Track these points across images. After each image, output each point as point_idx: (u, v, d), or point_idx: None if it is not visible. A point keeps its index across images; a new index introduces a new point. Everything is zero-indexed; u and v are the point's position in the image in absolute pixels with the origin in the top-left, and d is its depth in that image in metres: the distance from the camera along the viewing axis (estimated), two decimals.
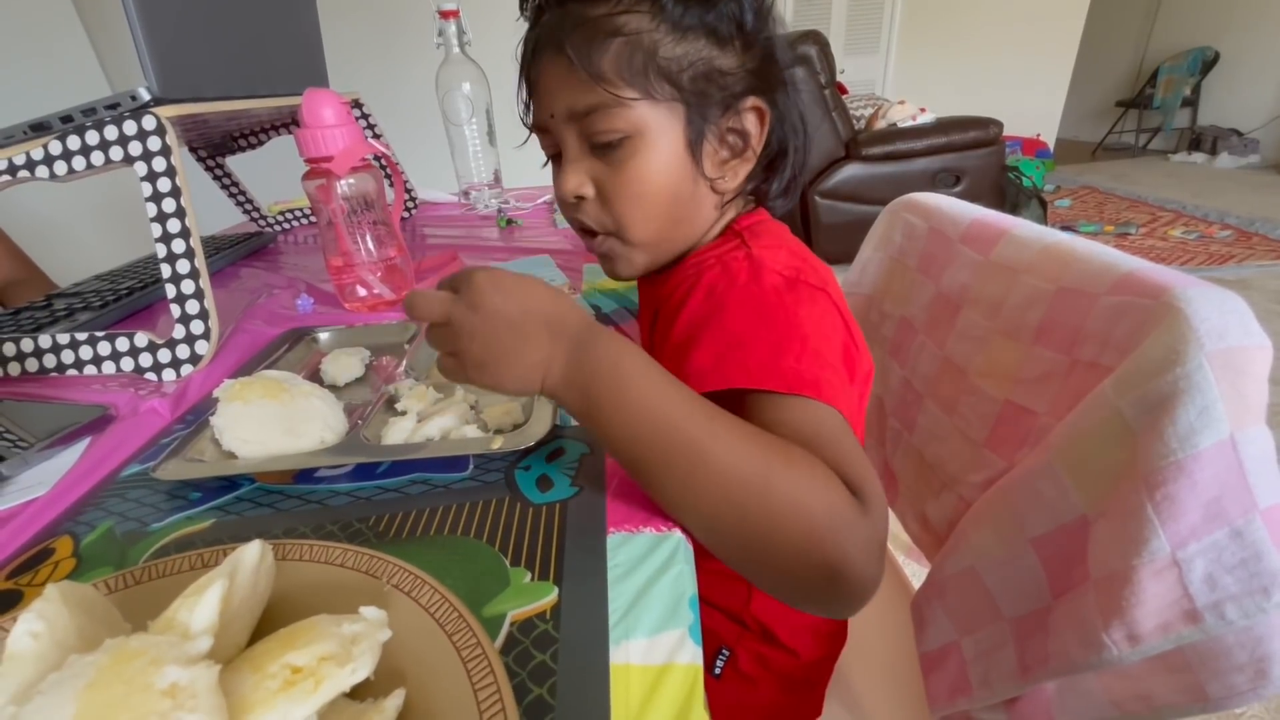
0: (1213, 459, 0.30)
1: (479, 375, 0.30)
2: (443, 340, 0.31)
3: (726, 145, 0.40)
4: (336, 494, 0.34)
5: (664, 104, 0.37)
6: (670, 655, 0.22)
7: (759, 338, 0.33)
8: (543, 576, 0.26)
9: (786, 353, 0.32)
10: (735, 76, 0.38)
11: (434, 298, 0.30)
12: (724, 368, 0.32)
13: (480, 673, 0.19)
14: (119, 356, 0.53)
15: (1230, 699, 0.32)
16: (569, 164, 0.40)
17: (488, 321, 0.29)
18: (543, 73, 0.39)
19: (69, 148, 0.50)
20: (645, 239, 0.41)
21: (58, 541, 0.32)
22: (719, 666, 0.46)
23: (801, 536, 0.26)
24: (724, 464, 0.26)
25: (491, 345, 0.29)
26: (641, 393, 0.28)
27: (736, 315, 0.35)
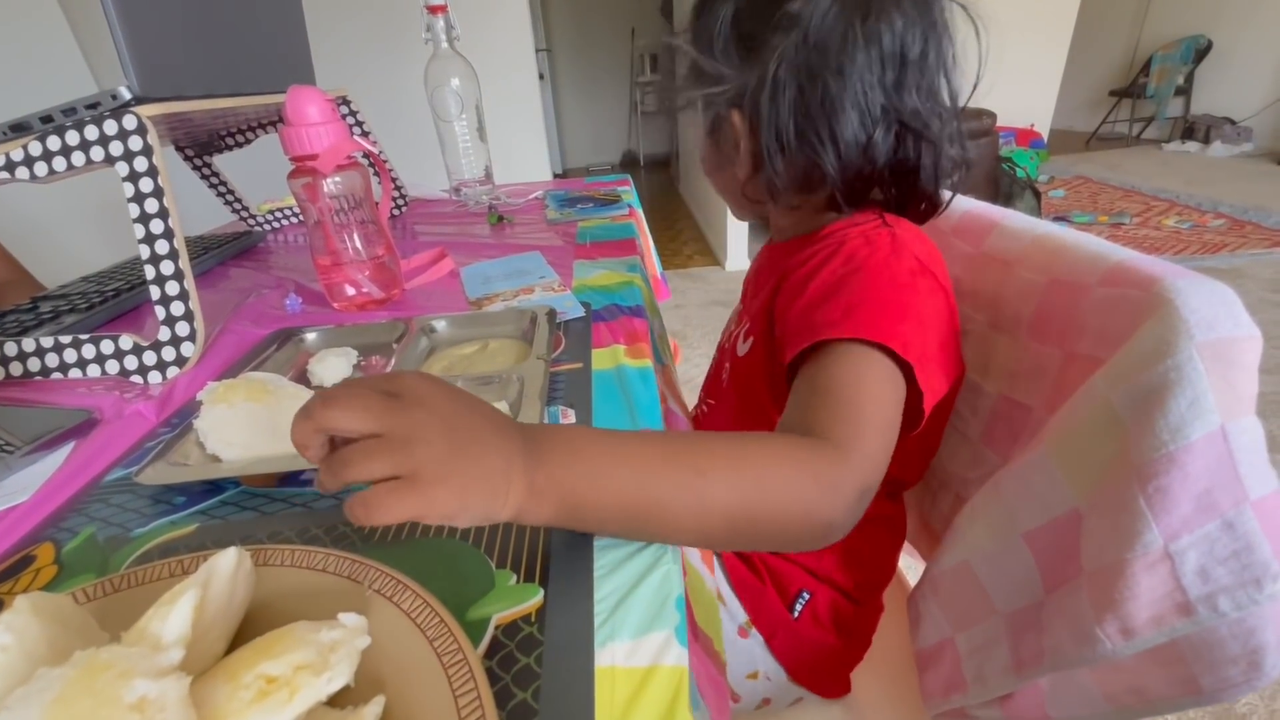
0: (1204, 450, 0.30)
1: (440, 489, 0.22)
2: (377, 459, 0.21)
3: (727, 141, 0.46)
4: (322, 497, 0.34)
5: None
6: (656, 657, 0.22)
7: (887, 303, 0.37)
8: (528, 578, 0.26)
9: (904, 321, 0.36)
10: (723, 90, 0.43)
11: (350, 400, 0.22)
12: (851, 320, 0.36)
13: (461, 679, 0.19)
14: (104, 359, 0.52)
15: (1224, 691, 0.32)
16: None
17: (444, 421, 0.23)
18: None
19: (49, 148, 0.50)
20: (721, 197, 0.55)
21: (39, 549, 0.32)
22: (799, 608, 0.50)
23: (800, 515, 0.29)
24: (724, 495, 0.28)
25: (454, 453, 0.22)
26: (616, 466, 0.26)
27: (873, 281, 0.39)
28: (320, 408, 0.22)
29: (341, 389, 0.22)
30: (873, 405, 0.34)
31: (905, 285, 0.39)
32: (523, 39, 1.97)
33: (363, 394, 0.22)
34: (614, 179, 1.16)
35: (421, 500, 0.21)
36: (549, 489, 0.24)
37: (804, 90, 0.40)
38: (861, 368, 0.35)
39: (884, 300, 0.37)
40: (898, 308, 0.37)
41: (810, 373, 0.36)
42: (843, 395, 0.34)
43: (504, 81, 1.14)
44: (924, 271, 0.40)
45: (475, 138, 1.05)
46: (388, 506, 0.21)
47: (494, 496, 0.23)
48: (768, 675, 0.51)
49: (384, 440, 0.22)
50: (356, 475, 0.21)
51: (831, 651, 0.51)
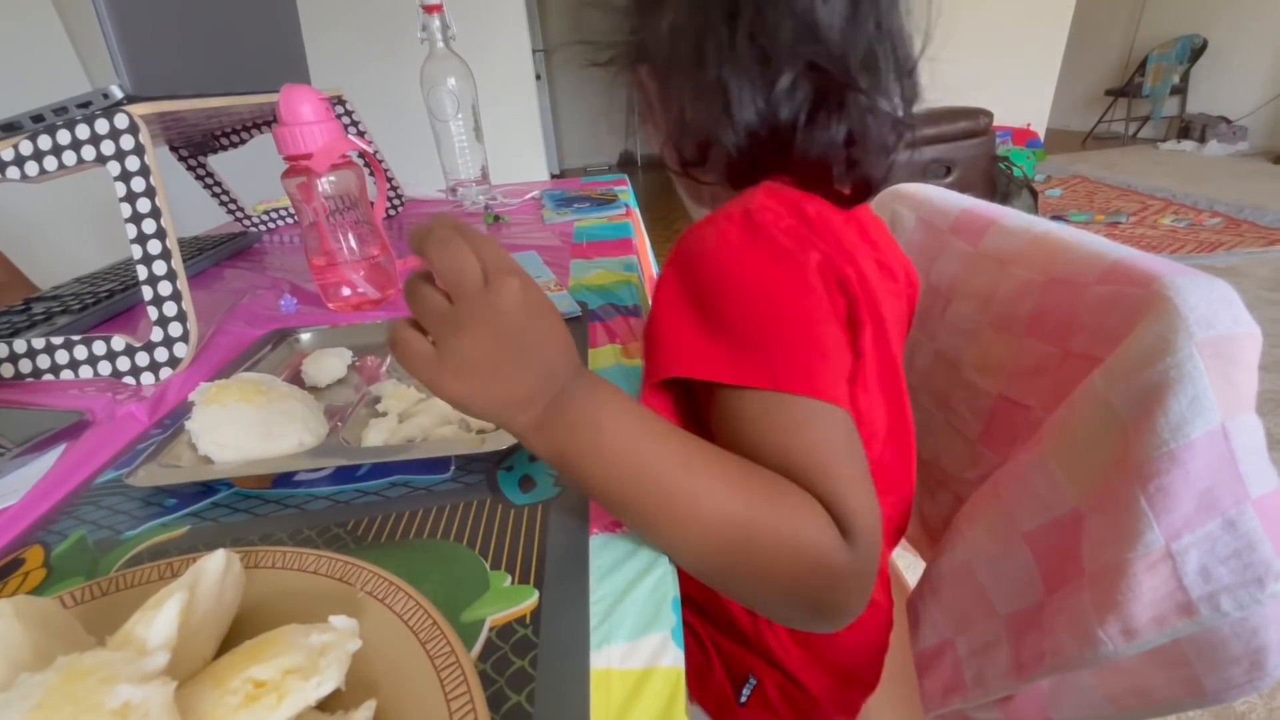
0: (1205, 449, 0.30)
1: (451, 380, 0.24)
2: (432, 317, 0.24)
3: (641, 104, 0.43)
4: (315, 498, 0.34)
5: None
6: (652, 659, 0.22)
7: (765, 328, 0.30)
8: (523, 580, 0.26)
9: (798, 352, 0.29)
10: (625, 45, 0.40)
11: (461, 252, 0.23)
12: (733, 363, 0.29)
13: (453, 681, 0.18)
14: (96, 361, 0.52)
15: (1227, 692, 0.31)
16: None
17: (499, 328, 0.24)
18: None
19: (40, 148, 0.49)
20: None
21: (28, 552, 0.32)
22: (745, 695, 0.45)
23: (787, 581, 0.26)
24: (707, 516, 0.25)
25: (488, 355, 0.24)
26: (623, 450, 0.25)
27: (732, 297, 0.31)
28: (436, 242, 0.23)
29: (460, 242, 0.23)
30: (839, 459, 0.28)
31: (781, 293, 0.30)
32: (520, 39, 1.97)
33: (467, 261, 0.23)
34: (611, 179, 1.15)
35: (430, 376, 0.24)
36: (556, 435, 0.26)
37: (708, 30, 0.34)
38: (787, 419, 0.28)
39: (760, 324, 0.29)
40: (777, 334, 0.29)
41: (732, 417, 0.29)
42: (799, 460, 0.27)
43: (501, 81, 1.14)
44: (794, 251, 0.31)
45: (471, 138, 1.05)
46: (407, 359, 0.25)
47: (502, 412, 0.25)
48: None
49: (449, 310, 0.24)
50: (412, 310, 0.25)
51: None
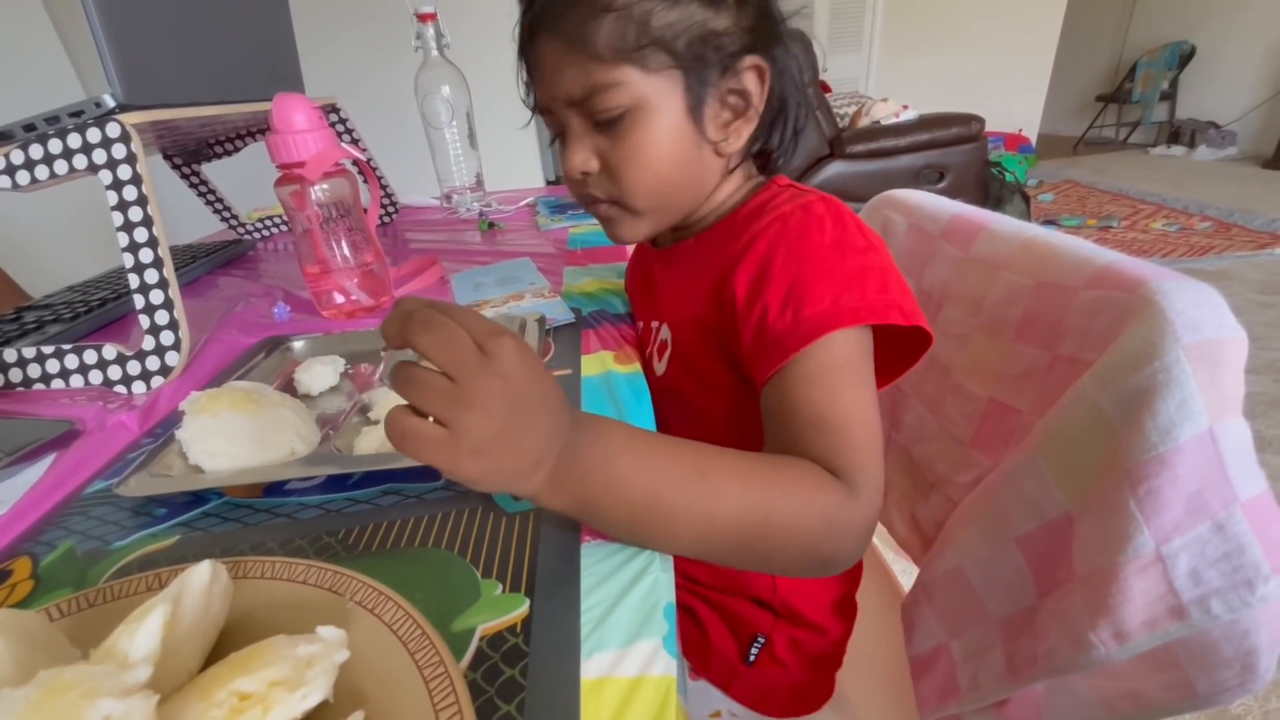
0: (1193, 452, 0.30)
1: (472, 460, 0.23)
2: (438, 400, 0.22)
3: (728, 107, 0.40)
4: (306, 507, 0.33)
5: (660, 73, 0.37)
6: (644, 667, 0.22)
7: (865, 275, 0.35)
8: (514, 588, 0.25)
9: (886, 285, 0.35)
10: (731, 37, 0.38)
11: (453, 335, 0.22)
12: (840, 310, 0.33)
13: (442, 692, 0.18)
14: (87, 370, 0.51)
15: (1219, 695, 0.31)
16: (573, 142, 0.40)
17: (509, 393, 0.23)
18: (541, 55, 0.39)
19: (31, 156, 0.49)
20: (649, 206, 0.41)
21: (16, 563, 0.31)
22: (754, 653, 0.48)
23: (803, 549, 0.29)
24: (728, 519, 0.28)
25: (503, 425, 0.23)
26: (637, 476, 0.26)
27: (836, 255, 0.36)
28: (418, 327, 0.22)
29: (445, 321, 0.22)
30: (862, 425, 0.33)
31: (865, 247, 0.37)
32: (514, 46, 1.97)
33: (459, 337, 0.22)
34: None
35: (450, 460, 0.22)
36: (569, 486, 0.25)
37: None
38: (837, 381, 0.33)
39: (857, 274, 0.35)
40: (875, 274, 0.35)
41: (787, 394, 0.34)
42: (835, 426, 0.32)
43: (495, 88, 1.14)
44: (861, 221, 0.40)
45: (466, 145, 1.05)
46: (421, 449, 0.22)
47: (518, 477, 0.24)
48: (732, 712, 0.49)
49: (453, 390, 0.22)
50: (415, 401, 0.22)
51: (800, 682, 0.49)
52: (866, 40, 3.88)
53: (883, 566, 0.66)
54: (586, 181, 0.41)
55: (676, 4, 0.36)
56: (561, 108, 0.39)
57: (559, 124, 0.41)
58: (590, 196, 0.42)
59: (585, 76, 0.36)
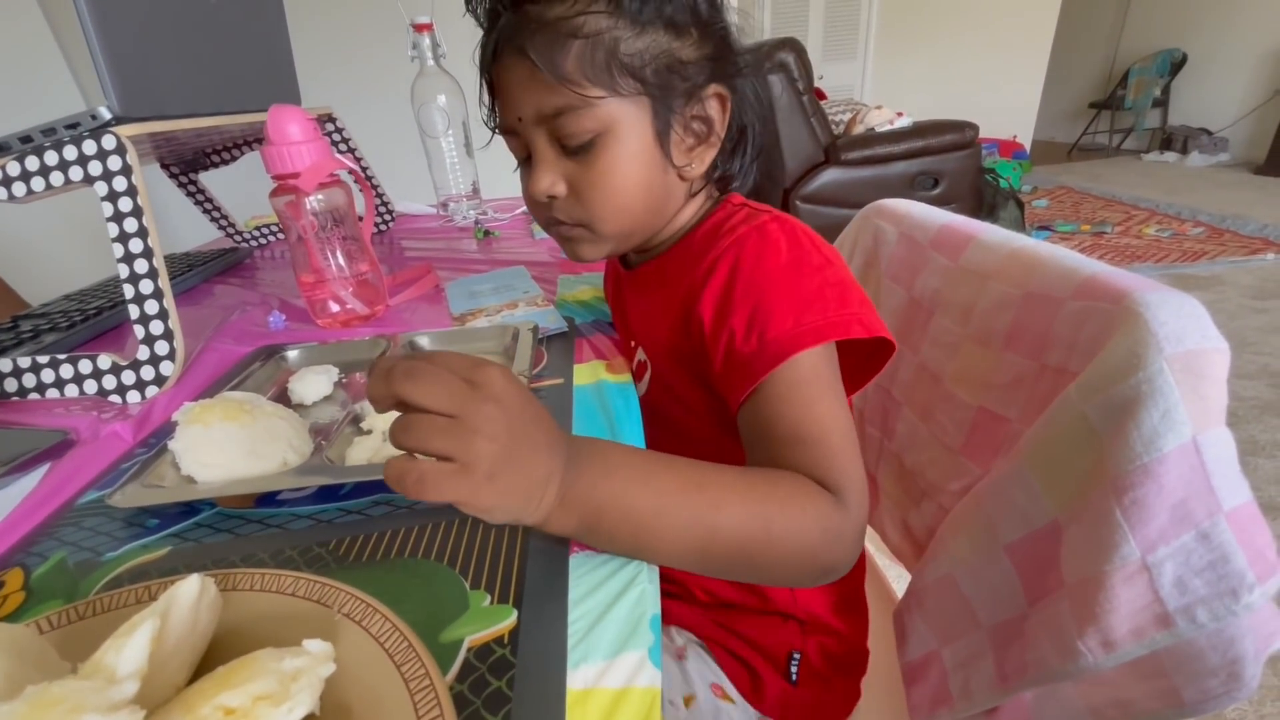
0: (1177, 462, 0.30)
1: (487, 486, 0.23)
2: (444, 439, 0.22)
3: (692, 133, 0.41)
4: (298, 517, 0.34)
5: (630, 99, 0.37)
6: (629, 679, 0.22)
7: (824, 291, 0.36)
8: (502, 599, 0.26)
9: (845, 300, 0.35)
10: (696, 66, 0.39)
11: (438, 379, 0.23)
12: (803, 331, 0.34)
13: (427, 705, 0.18)
14: (82, 379, 0.52)
15: (1206, 703, 0.32)
16: (540, 165, 0.40)
17: (508, 415, 0.24)
18: (506, 76, 0.39)
19: (27, 168, 0.49)
20: (615, 230, 0.42)
21: (7, 574, 0.31)
22: (794, 672, 0.48)
23: (800, 559, 0.30)
24: (730, 533, 0.29)
25: (507, 447, 0.23)
26: (640, 493, 0.27)
27: (791, 278, 0.36)
28: (402, 379, 0.22)
29: (427, 366, 0.23)
30: (840, 434, 0.34)
31: (821, 264, 0.37)
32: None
33: (445, 377, 0.23)
34: None
35: (469, 491, 0.23)
36: (577, 503, 0.26)
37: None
38: (808, 395, 0.34)
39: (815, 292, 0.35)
40: (834, 290, 0.36)
41: (762, 413, 0.35)
42: (813, 438, 0.33)
43: None
44: (818, 237, 0.40)
45: (462, 153, 1.06)
46: (440, 487, 0.22)
47: (529, 501, 0.25)
48: None
49: (454, 424, 0.23)
50: (418, 445, 0.23)
51: (837, 692, 0.50)
52: (861, 47, 3.91)
53: (877, 574, 0.66)
54: (551, 205, 0.41)
55: (643, 33, 0.36)
56: (529, 127, 0.39)
57: (523, 147, 0.41)
58: (553, 219, 0.42)
59: (555, 96, 0.36)
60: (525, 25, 0.36)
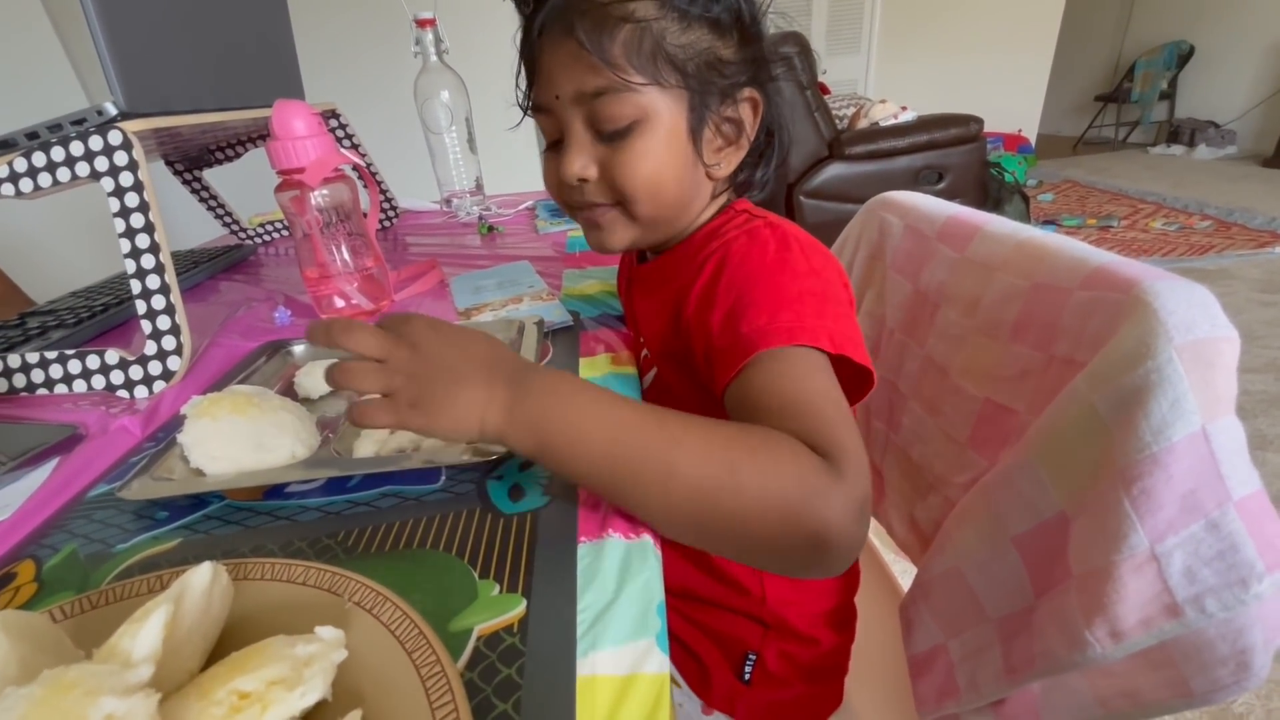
0: (1186, 451, 0.30)
1: (411, 416, 0.28)
2: (372, 378, 0.29)
3: (722, 134, 0.41)
4: (306, 509, 0.34)
5: (670, 90, 0.38)
6: (637, 665, 0.22)
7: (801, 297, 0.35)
8: (511, 589, 0.26)
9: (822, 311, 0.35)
10: (735, 67, 0.39)
11: (367, 330, 0.29)
12: (776, 328, 0.33)
13: (439, 690, 0.18)
14: (90, 375, 0.52)
15: (1215, 693, 0.31)
16: (573, 146, 0.40)
17: (427, 361, 0.29)
18: (548, 54, 0.38)
19: (34, 165, 0.49)
20: (648, 216, 0.41)
21: (19, 566, 0.32)
22: (748, 672, 0.47)
23: (778, 517, 0.26)
24: (690, 470, 0.27)
25: (428, 385, 0.28)
26: (596, 420, 0.28)
27: (777, 280, 0.36)
28: (339, 332, 0.29)
29: (357, 322, 0.29)
30: (833, 405, 0.31)
31: (807, 272, 0.37)
32: (513, 50, 1.98)
33: (372, 329, 0.29)
34: None
35: (396, 418, 0.28)
36: (527, 424, 0.28)
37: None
38: (803, 374, 0.32)
39: (795, 296, 0.35)
40: (814, 299, 0.35)
41: (749, 391, 0.33)
42: (805, 409, 0.30)
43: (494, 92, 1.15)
44: (816, 248, 0.39)
45: (465, 149, 1.06)
46: (372, 416, 0.29)
47: (462, 422, 0.28)
48: None
49: (379, 366, 0.29)
50: (350, 385, 0.29)
51: (801, 696, 0.49)
52: (865, 41, 3.89)
53: (882, 568, 0.66)
54: (581, 188, 0.41)
55: (689, 28, 0.37)
56: (566, 107, 0.39)
57: (557, 127, 0.41)
58: (581, 202, 0.42)
59: (598, 77, 0.36)
60: (576, 5, 0.36)
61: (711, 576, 0.46)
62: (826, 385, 0.32)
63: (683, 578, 0.48)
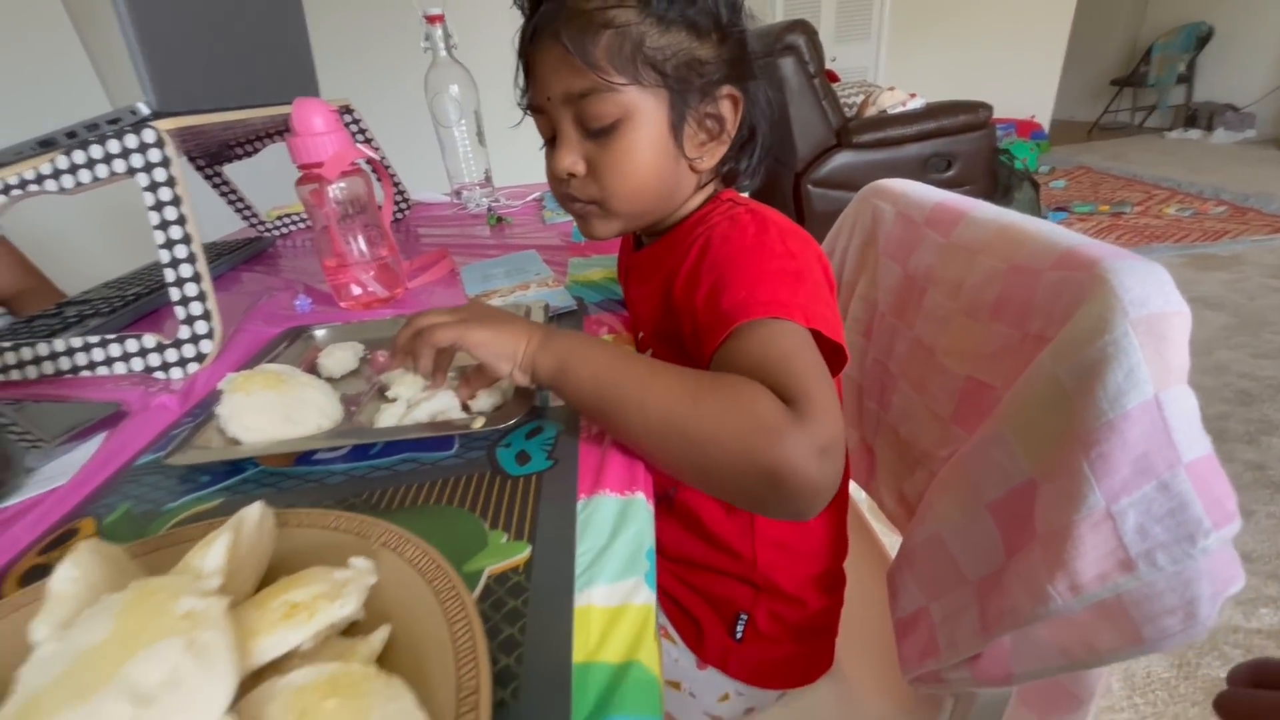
0: (1139, 418, 0.33)
1: (474, 328, 0.37)
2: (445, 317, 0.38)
3: (704, 129, 0.44)
4: (333, 474, 0.37)
5: (650, 90, 0.41)
6: (626, 598, 0.25)
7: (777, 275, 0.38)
8: (517, 537, 0.29)
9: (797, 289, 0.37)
10: (713, 66, 0.42)
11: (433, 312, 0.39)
12: (754, 302, 0.36)
13: (455, 610, 0.22)
14: (129, 357, 0.56)
15: (1164, 640, 0.34)
16: (563, 144, 0.43)
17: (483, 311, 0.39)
18: (540, 58, 0.42)
19: (75, 162, 0.53)
20: (626, 209, 0.45)
21: (81, 523, 0.35)
22: (740, 631, 0.50)
23: (736, 448, 0.30)
24: (662, 397, 0.33)
25: (488, 316, 0.38)
26: (599, 358, 0.36)
27: (755, 260, 0.39)
28: (417, 317, 0.39)
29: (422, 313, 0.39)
30: (803, 361, 0.34)
31: (783, 253, 0.39)
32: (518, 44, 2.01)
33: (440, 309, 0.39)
34: None
35: (461, 330, 0.37)
36: (554, 349, 0.36)
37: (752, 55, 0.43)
38: (778, 336, 0.35)
39: (772, 275, 0.38)
40: (789, 278, 0.37)
41: (729, 356, 0.36)
42: (776, 364, 0.33)
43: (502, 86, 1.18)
44: (793, 231, 0.42)
45: (474, 142, 1.09)
46: (441, 331, 0.37)
47: (512, 344, 0.37)
48: (739, 692, 0.52)
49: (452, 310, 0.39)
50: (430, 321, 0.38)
51: (791, 654, 0.52)
52: (875, 28, 3.85)
53: (873, 539, 0.69)
54: (570, 182, 0.45)
55: (667, 31, 0.40)
56: (556, 107, 0.42)
57: (550, 126, 0.44)
58: (570, 196, 0.46)
59: (583, 80, 0.40)
60: (562, 13, 0.40)
61: (706, 543, 0.49)
62: (799, 346, 0.35)
63: (679, 545, 0.51)
